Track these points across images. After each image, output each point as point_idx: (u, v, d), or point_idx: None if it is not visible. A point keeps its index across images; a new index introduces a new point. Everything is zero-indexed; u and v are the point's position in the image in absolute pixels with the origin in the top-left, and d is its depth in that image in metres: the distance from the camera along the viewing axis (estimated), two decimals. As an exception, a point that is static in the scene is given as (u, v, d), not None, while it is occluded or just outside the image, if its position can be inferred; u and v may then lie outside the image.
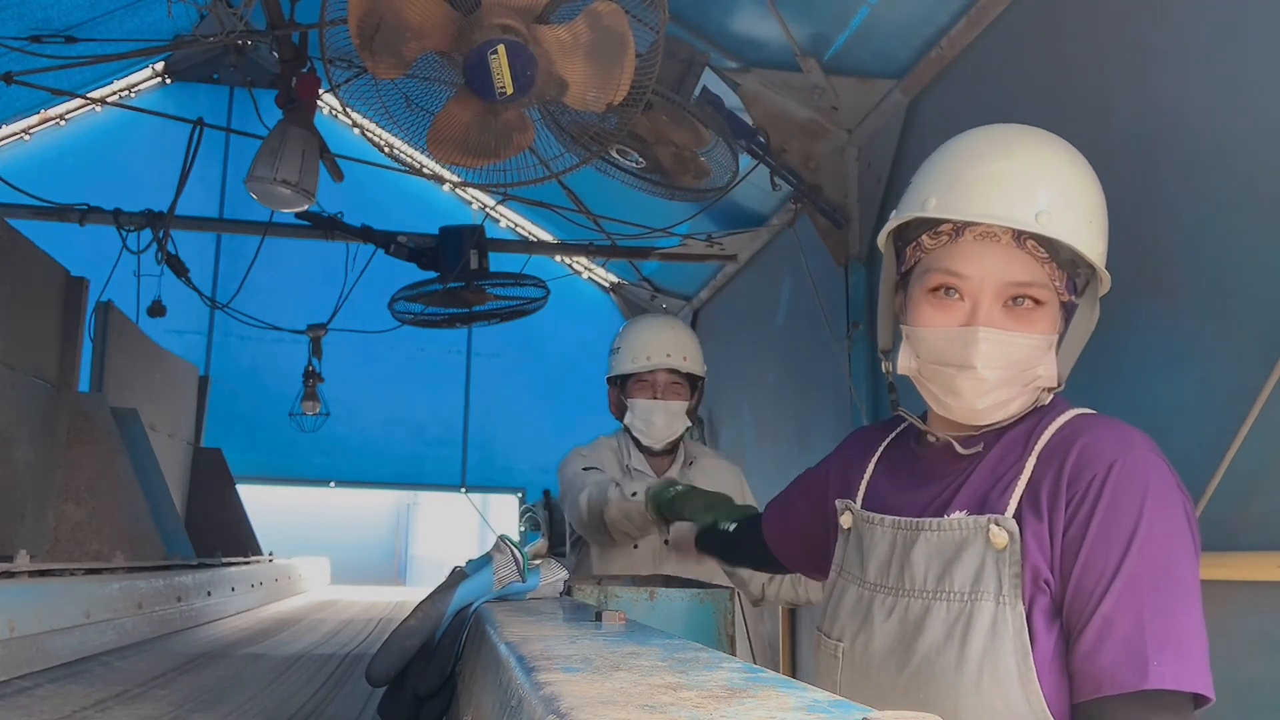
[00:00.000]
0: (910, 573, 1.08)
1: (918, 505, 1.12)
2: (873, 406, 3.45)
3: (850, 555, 1.19)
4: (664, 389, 2.43)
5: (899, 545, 1.10)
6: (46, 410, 3.50)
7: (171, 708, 1.83)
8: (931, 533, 1.07)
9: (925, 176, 1.11)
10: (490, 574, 1.57)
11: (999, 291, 1.03)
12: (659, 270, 5.96)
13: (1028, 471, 1.04)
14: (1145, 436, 1.03)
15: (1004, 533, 1.01)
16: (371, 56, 2.15)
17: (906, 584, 1.08)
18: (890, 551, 1.12)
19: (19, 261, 3.38)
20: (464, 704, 1.04)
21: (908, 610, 1.07)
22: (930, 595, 1.05)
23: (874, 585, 1.13)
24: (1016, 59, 2.68)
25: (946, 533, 1.05)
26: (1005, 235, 1.02)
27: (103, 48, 3.92)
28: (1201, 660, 0.93)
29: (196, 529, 4.43)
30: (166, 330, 5.27)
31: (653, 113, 2.67)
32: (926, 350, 1.07)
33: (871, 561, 1.14)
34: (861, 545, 1.17)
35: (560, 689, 0.43)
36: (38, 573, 2.20)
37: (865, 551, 1.15)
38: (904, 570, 1.09)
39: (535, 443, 6.57)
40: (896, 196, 1.13)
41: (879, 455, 1.26)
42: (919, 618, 1.05)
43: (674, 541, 2.36)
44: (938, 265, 1.06)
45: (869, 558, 1.14)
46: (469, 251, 4.30)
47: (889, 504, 1.17)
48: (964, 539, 1.04)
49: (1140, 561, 0.95)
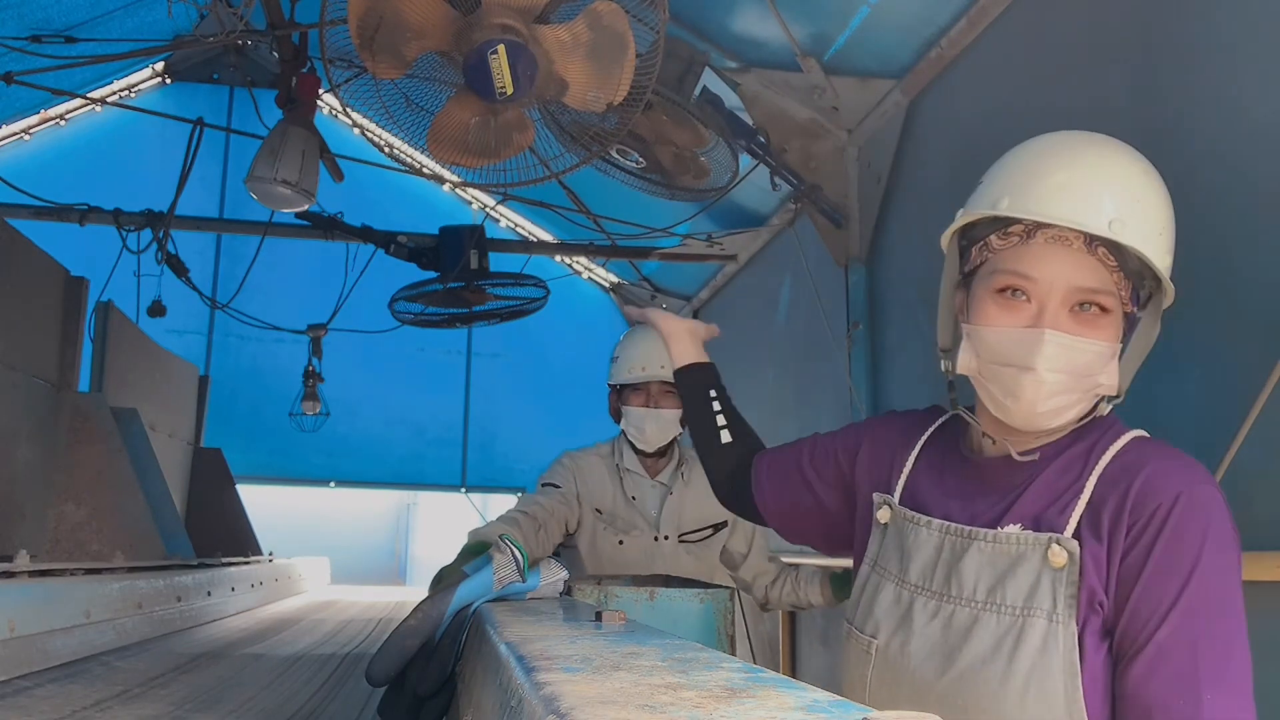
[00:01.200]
0: (959, 580, 1.07)
1: (968, 513, 1.11)
2: (873, 407, 3.45)
3: (888, 552, 1.17)
4: (657, 397, 2.53)
5: (947, 551, 1.10)
6: (46, 410, 3.50)
7: (171, 708, 1.83)
8: (986, 543, 1.07)
9: (997, 176, 1.11)
10: (490, 574, 1.57)
11: (1067, 296, 1.03)
12: (659, 270, 5.96)
13: (1088, 492, 1.04)
14: (1206, 470, 1.04)
15: (1064, 552, 1.01)
16: (371, 56, 2.15)
17: (954, 591, 1.08)
18: (937, 555, 1.11)
19: (19, 261, 3.39)
20: (464, 704, 1.04)
21: (953, 617, 1.07)
22: (980, 606, 1.05)
23: (916, 587, 1.12)
24: (1016, 59, 2.68)
25: (1002, 545, 1.05)
26: (1077, 240, 1.02)
27: (103, 48, 3.91)
28: (1249, 699, 0.95)
29: (196, 529, 4.44)
30: (166, 330, 5.27)
31: (653, 113, 2.67)
32: (989, 350, 1.06)
33: (914, 563, 1.13)
34: (902, 544, 1.15)
35: (560, 689, 0.43)
36: (38, 573, 2.20)
37: (907, 551, 1.14)
38: (951, 577, 1.08)
39: (535, 442, 6.57)
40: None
41: (919, 450, 1.23)
42: (965, 626, 1.05)
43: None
44: (1006, 266, 1.06)
45: (911, 558, 1.13)
46: (469, 251, 4.29)
47: (932, 505, 1.15)
48: (1020, 554, 1.04)
49: (1197, 596, 0.97)
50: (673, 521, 2.52)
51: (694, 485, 2.56)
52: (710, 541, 2.56)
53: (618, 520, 2.50)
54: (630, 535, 2.49)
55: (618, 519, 2.50)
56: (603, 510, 2.51)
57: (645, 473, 2.56)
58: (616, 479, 2.54)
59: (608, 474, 2.56)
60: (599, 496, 2.52)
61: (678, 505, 2.53)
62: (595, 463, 2.58)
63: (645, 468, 2.57)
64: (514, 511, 2.35)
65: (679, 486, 2.55)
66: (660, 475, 2.57)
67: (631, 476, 2.55)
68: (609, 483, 2.54)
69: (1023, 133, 1.18)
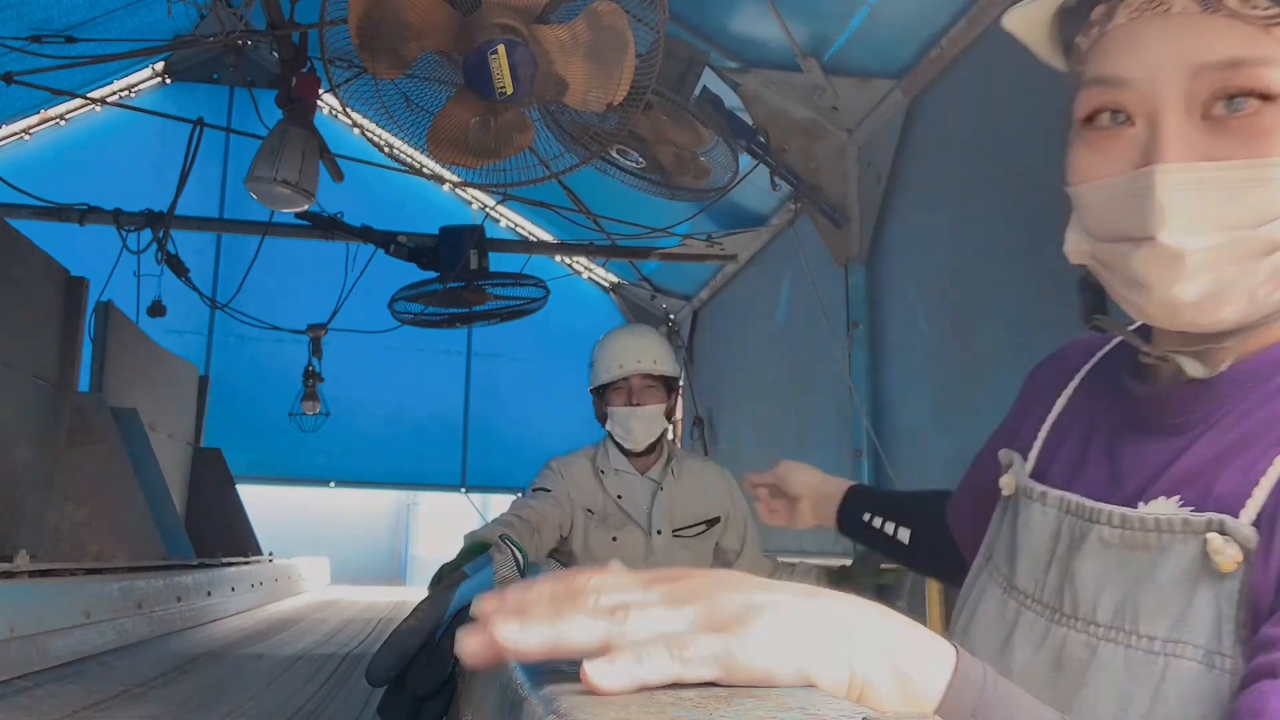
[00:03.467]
0: (1073, 589, 0.68)
1: (1104, 479, 0.71)
2: (873, 407, 3.45)
3: (1002, 538, 0.79)
4: (639, 393, 2.56)
5: (1063, 541, 0.70)
6: (46, 410, 3.50)
7: (171, 708, 1.83)
8: (1110, 529, 0.66)
9: None
10: (490, 574, 1.57)
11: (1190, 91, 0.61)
12: (659, 270, 5.96)
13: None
14: None
15: (1235, 547, 0.59)
16: (371, 56, 2.15)
17: (1067, 605, 0.68)
18: (1052, 547, 0.71)
19: (19, 261, 3.38)
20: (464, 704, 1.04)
21: (1064, 647, 0.67)
22: (1100, 632, 0.65)
23: (1023, 595, 0.73)
24: (1016, 59, 2.67)
25: (1135, 533, 0.65)
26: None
27: (103, 48, 3.91)
28: None
29: (196, 529, 4.44)
30: (166, 330, 5.27)
31: (653, 113, 2.67)
32: (1094, 220, 0.67)
33: (1023, 557, 0.74)
34: (1015, 527, 0.76)
35: (560, 689, 0.43)
36: (38, 573, 2.20)
37: (1018, 538, 0.75)
38: (1065, 582, 0.69)
39: (535, 443, 6.57)
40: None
41: (1075, 387, 0.81)
42: (1081, 663, 0.65)
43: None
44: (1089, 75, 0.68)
45: (1020, 550, 0.75)
46: (469, 251, 4.29)
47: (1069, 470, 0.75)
48: (1164, 547, 0.63)
49: None
50: (665, 517, 2.55)
51: (685, 480, 2.60)
52: (705, 536, 2.58)
53: (609, 518, 2.53)
54: (623, 531, 2.52)
55: (609, 517, 2.53)
56: (594, 510, 2.53)
57: (635, 471, 2.59)
58: (599, 482, 2.57)
59: (593, 476, 2.59)
60: (588, 497, 2.55)
61: (669, 501, 2.56)
62: (583, 465, 2.61)
63: (635, 465, 2.60)
64: (508, 515, 2.36)
65: (669, 482, 2.58)
66: (650, 472, 2.60)
67: (619, 476, 2.58)
68: (597, 483, 2.57)
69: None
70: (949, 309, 2.97)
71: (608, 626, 0.44)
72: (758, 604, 0.45)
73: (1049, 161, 0.93)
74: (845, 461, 3.55)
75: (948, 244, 2.98)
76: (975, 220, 2.82)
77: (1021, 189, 2.55)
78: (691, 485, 2.61)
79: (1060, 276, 2.44)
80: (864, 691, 0.44)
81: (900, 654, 0.46)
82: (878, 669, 0.45)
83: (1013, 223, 2.60)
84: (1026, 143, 2.55)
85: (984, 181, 2.77)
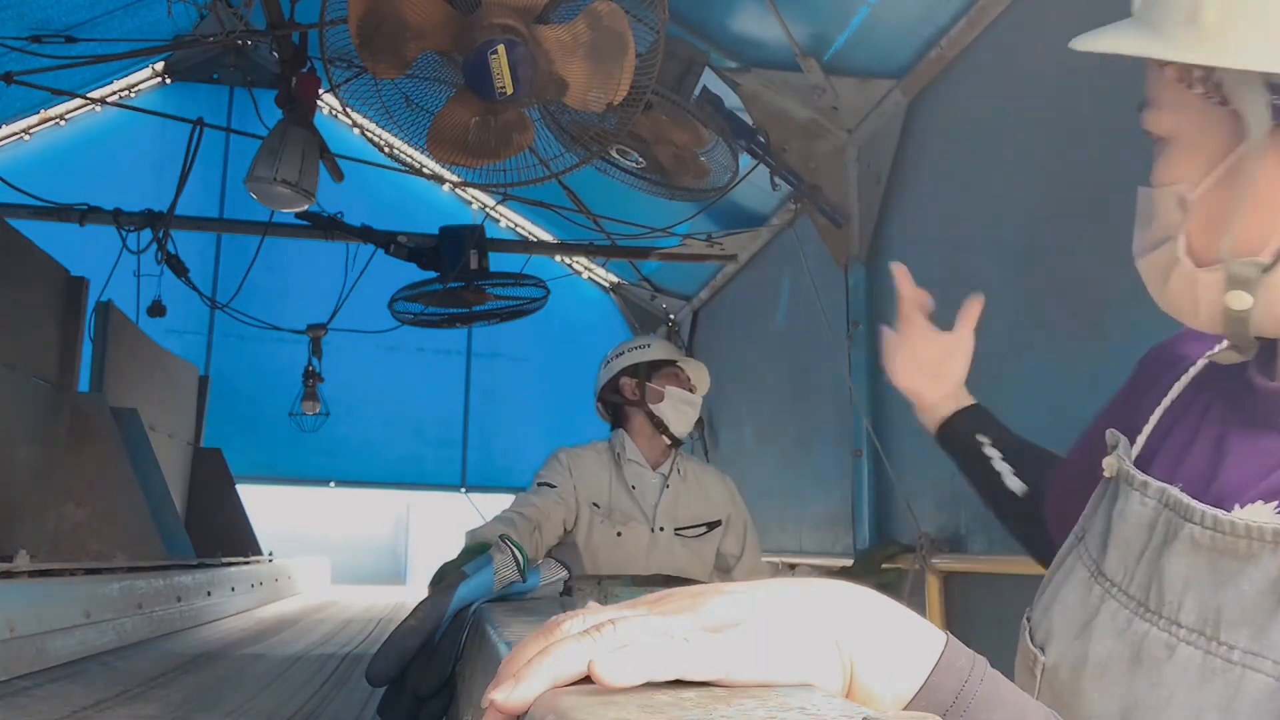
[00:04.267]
0: (1160, 585, 0.67)
1: (1203, 472, 0.70)
2: (873, 407, 3.45)
3: (1097, 521, 0.76)
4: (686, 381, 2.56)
5: (1157, 535, 0.69)
6: (46, 410, 3.50)
7: (171, 708, 1.83)
8: (1201, 529, 0.65)
9: None
10: (490, 574, 1.57)
11: None
12: (659, 270, 5.96)
13: None
14: None
15: None
16: (371, 56, 2.15)
17: (1152, 601, 0.67)
18: (1146, 538, 0.69)
19: (19, 261, 3.39)
20: (464, 704, 1.04)
21: (1144, 643, 0.66)
22: (1182, 634, 0.64)
23: (1109, 583, 0.71)
24: (1016, 59, 2.68)
25: (1225, 537, 0.63)
26: None
27: (103, 48, 3.91)
28: None
29: (196, 529, 4.44)
30: (166, 330, 5.27)
31: (653, 113, 2.67)
32: None
33: (1115, 545, 0.72)
34: (1111, 513, 0.74)
35: (560, 689, 0.43)
36: (38, 573, 2.20)
37: (1113, 525, 0.73)
38: (1154, 577, 0.67)
39: (535, 443, 6.56)
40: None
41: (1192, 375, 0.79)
42: (1158, 661, 0.65)
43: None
44: None
45: (1114, 536, 0.73)
46: (469, 251, 4.29)
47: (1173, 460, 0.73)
48: (1252, 554, 0.61)
49: None
50: (669, 514, 2.56)
51: (689, 481, 2.61)
52: (706, 538, 2.59)
53: (615, 512, 2.54)
54: (628, 527, 2.53)
55: (615, 511, 2.54)
56: (600, 504, 2.54)
57: (648, 464, 2.60)
58: (615, 470, 2.57)
59: (605, 467, 2.59)
60: (596, 490, 2.55)
61: (674, 499, 2.57)
62: (592, 457, 2.61)
63: (649, 459, 2.60)
64: (509, 512, 2.36)
65: (675, 480, 2.59)
66: (660, 468, 2.62)
67: (633, 467, 2.58)
68: (606, 475, 2.58)
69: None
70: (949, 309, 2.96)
71: (596, 638, 0.43)
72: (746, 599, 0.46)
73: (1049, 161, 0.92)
74: (845, 461, 3.54)
75: (948, 244, 2.98)
76: (975, 220, 2.82)
77: (1022, 189, 2.55)
78: (695, 486, 2.63)
79: (1060, 277, 2.43)
80: (851, 669, 0.46)
81: (887, 635, 0.47)
82: (863, 647, 0.46)
83: (1013, 223, 2.60)
84: (1026, 143, 2.55)
85: (984, 181, 2.77)
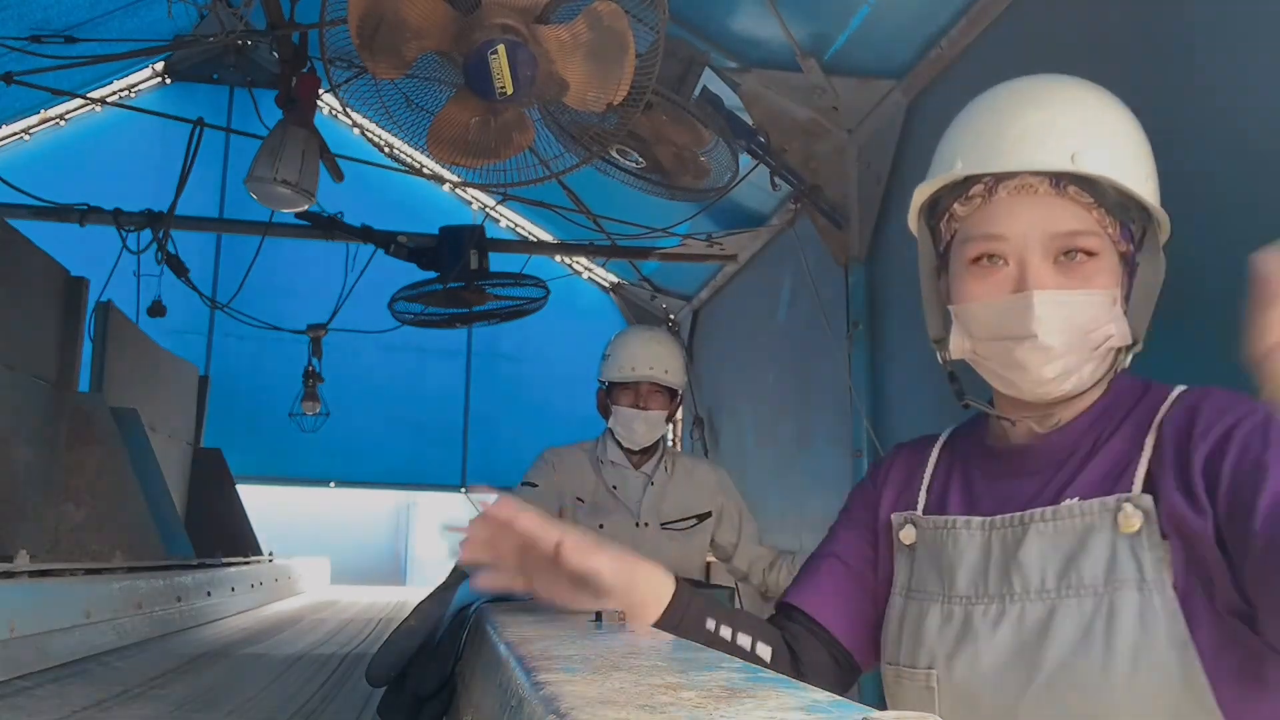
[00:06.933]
0: (1021, 575, 0.94)
1: (1015, 503, 0.99)
2: (873, 407, 3.45)
3: (922, 572, 1.04)
4: (646, 397, 2.66)
5: (997, 547, 0.97)
6: (46, 410, 3.50)
7: (171, 708, 1.83)
8: (1045, 523, 0.94)
9: (949, 140, 1.03)
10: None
11: (1046, 247, 0.94)
12: (659, 270, 5.96)
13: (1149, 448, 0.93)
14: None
15: (1138, 513, 0.89)
16: (371, 56, 2.15)
17: (1017, 588, 0.94)
18: (987, 556, 0.98)
19: (19, 261, 3.39)
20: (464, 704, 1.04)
21: (1023, 616, 0.93)
22: (1053, 595, 0.92)
23: (967, 598, 0.98)
24: (1016, 59, 2.68)
25: (1065, 521, 0.93)
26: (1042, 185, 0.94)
27: (103, 48, 3.91)
28: None
29: (196, 529, 4.44)
30: (166, 330, 5.27)
31: (653, 113, 2.67)
32: (979, 327, 0.98)
33: (960, 571, 0.99)
34: (939, 557, 1.02)
35: (560, 689, 0.43)
36: (38, 573, 2.20)
37: (947, 562, 1.01)
38: (1009, 573, 0.95)
39: (535, 443, 6.54)
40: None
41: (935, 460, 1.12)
42: (1041, 621, 0.92)
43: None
44: (974, 232, 0.97)
45: (955, 568, 1.00)
46: (469, 251, 4.30)
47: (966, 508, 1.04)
48: (1088, 526, 0.91)
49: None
50: (653, 509, 2.61)
51: (676, 476, 2.67)
52: (694, 531, 2.62)
53: (599, 507, 2.60)
54: (610, 520, 2.57)
55: (599, 506, 2.60)
56: (584, 499, 2.60)
57: (629, 464, 2.68)
58: (598, 470, 2.63)
59: (589, 465, 2.67)
60: (580, 486, 2.63)
61: (658, 494, 2.62)
62: (578, 455, 2.70)
63: (630, 461, 2.68)
64: None
65: (660, 477, 2.65)
66: (643, 468, 2.69)
67: (614, 468, 2.66)
68: (590, 473, 2.64)
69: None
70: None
71: None
72: None
73: (1049, 161, 0.95)
74: (845, 461, 3.55)
75: (948, 244, 2.98)
76: (975, 220, 2.82)
77: (1021, 189, 2.55)
78: (683, 481, 2.68)
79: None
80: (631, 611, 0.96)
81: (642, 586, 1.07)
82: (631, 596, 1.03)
83: (1013, 223, 2.60)
84: (1026, 143, 2.55)
85: (984, 181, 2.77)
